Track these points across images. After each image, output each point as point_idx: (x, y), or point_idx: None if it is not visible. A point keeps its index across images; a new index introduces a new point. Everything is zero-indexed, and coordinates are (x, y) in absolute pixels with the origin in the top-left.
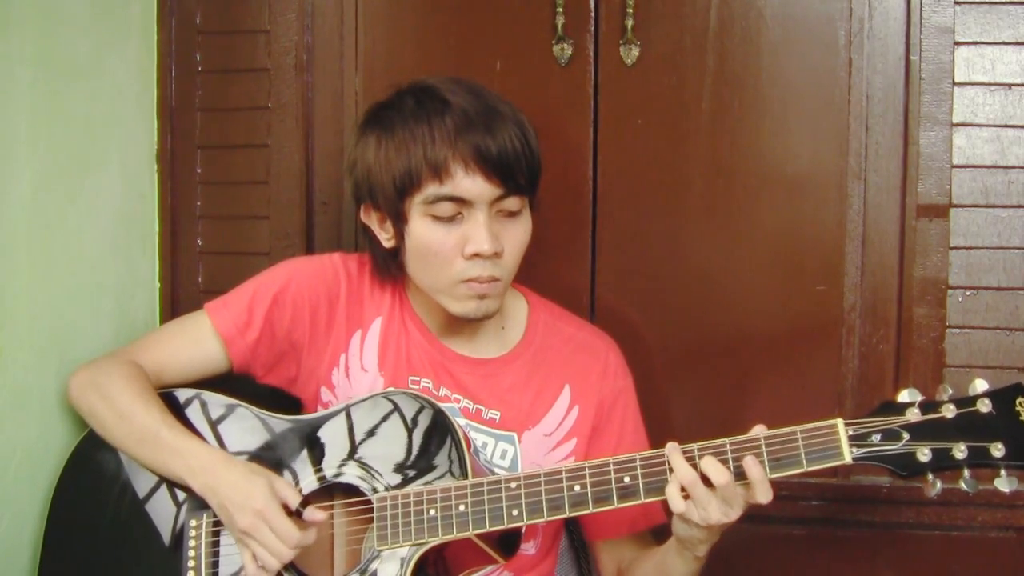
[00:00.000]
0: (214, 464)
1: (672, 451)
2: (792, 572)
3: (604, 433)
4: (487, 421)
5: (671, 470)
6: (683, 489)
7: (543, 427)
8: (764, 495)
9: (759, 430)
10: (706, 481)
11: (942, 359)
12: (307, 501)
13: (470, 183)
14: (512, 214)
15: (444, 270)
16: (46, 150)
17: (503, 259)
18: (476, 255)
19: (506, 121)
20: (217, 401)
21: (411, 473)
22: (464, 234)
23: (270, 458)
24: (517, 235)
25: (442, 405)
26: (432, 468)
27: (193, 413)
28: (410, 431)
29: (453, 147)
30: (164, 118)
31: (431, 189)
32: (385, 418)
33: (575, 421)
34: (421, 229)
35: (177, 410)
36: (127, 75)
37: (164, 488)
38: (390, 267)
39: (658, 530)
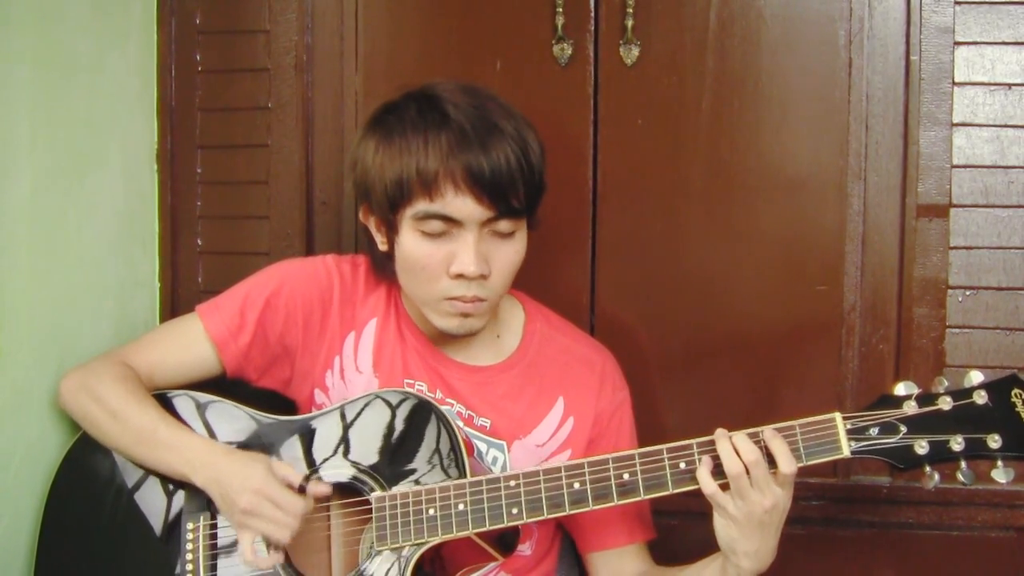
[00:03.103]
0: (214, 457)
1: (720, 437)
2: (792, 572)
3: (600, 444)
4: (478, 428)
5: (714, 456)
6: (715, 475)
7: (535, 437)
8: (788, 465)
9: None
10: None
11: (942, 359)
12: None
13: (460, 203)
14: (504, 235)
15: (429, 285)
16: (46, 149)
17: (490, 280)
18: (461, 275)
19: (505, 139)
20: (207, 397)
21: (406, 465)
22: (451, 252)
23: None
24: (507, 257)
25: (443, 408)
26: (413, 471)
27: (183, 403)
28: (397, 426)
29: (445, 164)
30: (164, 118)
31: (421, 205)
32: (380, 415)
33: (570, 432)
34: (410, 242)
35: (167, 403)
36: (127, 74)
37: (152, 479)
38: (386, 268)
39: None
